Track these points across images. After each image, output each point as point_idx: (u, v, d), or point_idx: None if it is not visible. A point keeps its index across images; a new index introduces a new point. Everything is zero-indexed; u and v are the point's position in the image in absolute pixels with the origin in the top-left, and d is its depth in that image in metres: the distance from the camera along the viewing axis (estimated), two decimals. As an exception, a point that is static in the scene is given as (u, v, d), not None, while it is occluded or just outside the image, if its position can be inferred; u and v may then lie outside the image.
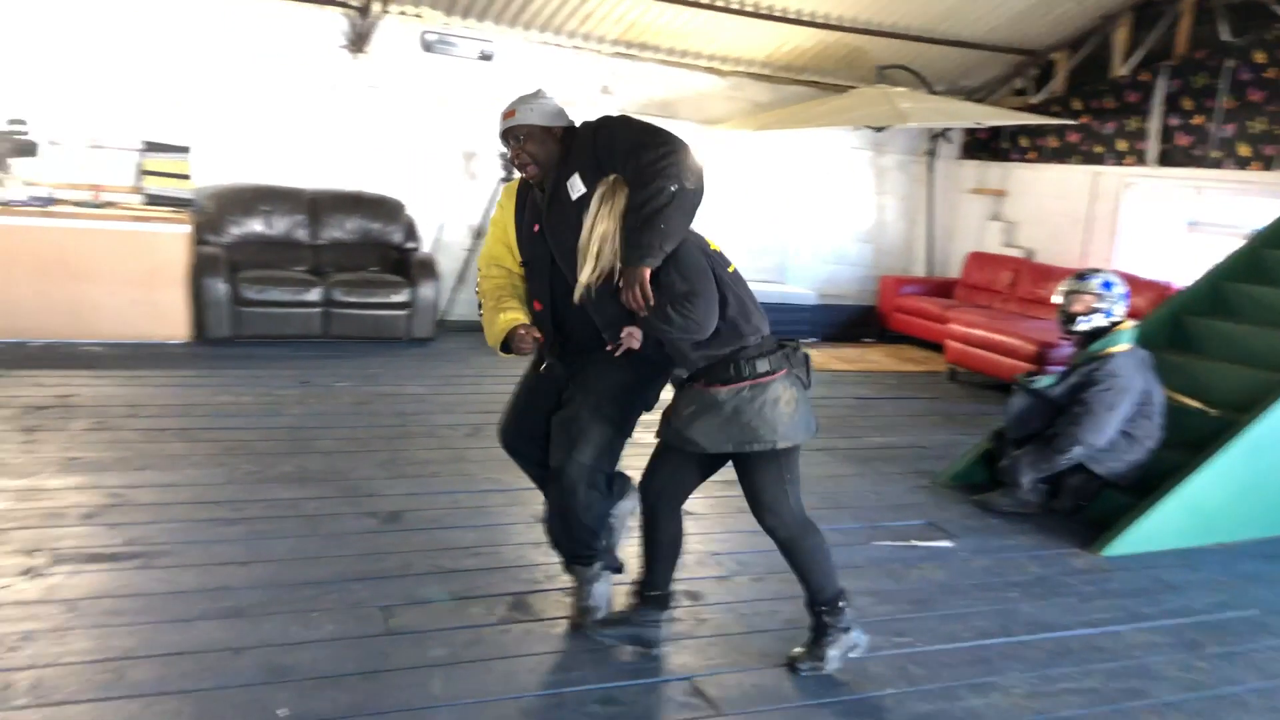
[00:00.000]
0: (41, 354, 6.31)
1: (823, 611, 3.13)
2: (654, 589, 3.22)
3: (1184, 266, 7.37)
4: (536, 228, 3.18)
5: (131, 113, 7.21)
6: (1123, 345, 4.76)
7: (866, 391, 7.45)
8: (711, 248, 3.03)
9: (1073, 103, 8.89)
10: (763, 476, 3.02)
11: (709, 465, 3.14)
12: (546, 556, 3.60)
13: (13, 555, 3.52)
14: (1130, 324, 4.87)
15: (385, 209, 7.83)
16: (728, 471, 5.07)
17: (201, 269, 6.89)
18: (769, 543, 4.17)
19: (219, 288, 6.89)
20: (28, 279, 6.45)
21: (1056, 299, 4.98)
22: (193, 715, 2.71)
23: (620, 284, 2.86)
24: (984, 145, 9.93)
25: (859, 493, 5.05)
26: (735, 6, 8.10)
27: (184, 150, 7.30)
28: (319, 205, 7.65)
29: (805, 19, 8.36)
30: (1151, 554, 4.45)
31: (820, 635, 3.15)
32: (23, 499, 4.03)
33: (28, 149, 6.71)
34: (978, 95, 9.62)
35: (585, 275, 2.89)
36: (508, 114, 3.15)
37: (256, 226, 7.46)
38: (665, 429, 3.07)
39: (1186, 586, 4.18)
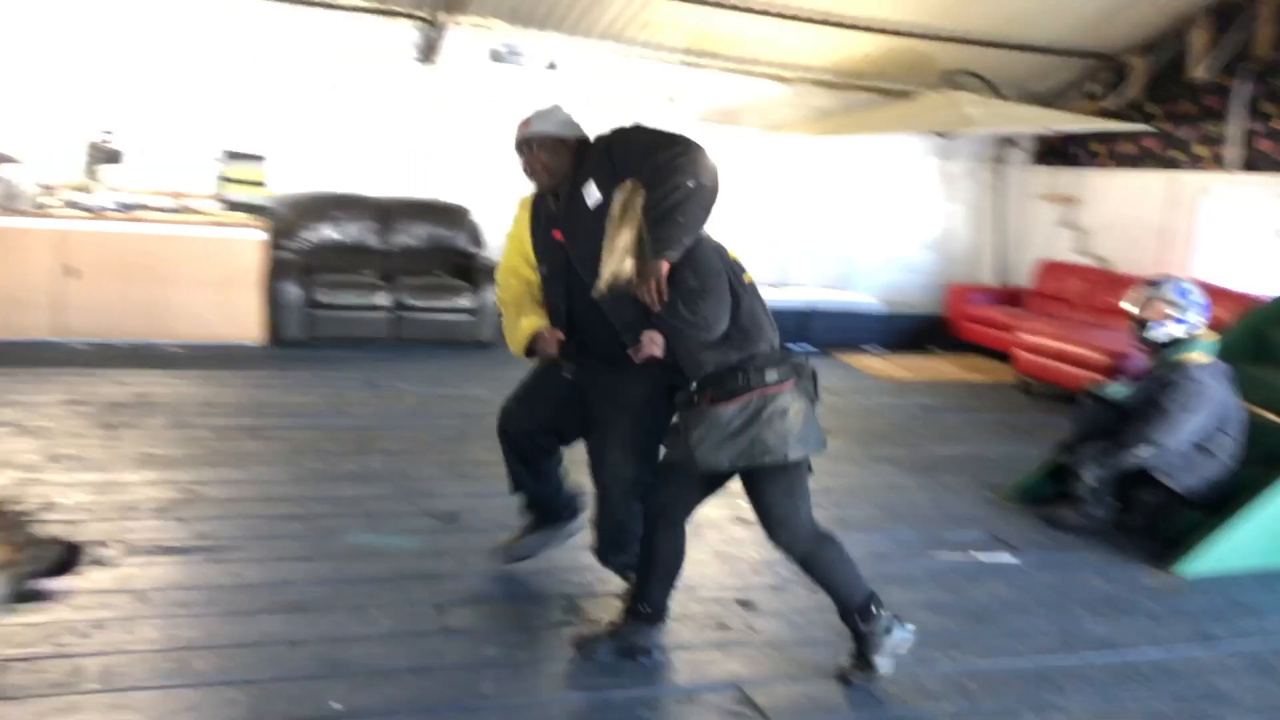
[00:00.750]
0: (124, 354, 6.54)
1: (857, 620, 3.07)
2: (648, 606, 3.16)
3: (1270, 276, 7.11)
4: (556, 233, 3.23)
5: (212, 122, 7.44)
6: (1201, 356, 4.57)
7: (931, 401, 7.34)
8: (729, 255, 3.03)
9: (1148, 107, 8.65)
10: (772, 491, 2.97)
11: (712, 482, 3.10)
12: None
13: (89, 546, 3.65)
14: (1210, 335, 4.69)
15: (452, 215, 7.96)
16: (785, 479, 5.08)
17: (276, 273, 7.09)
18: (825, 552, 4.18)
19: (292, 292, 7.09)
20: (113, 282, 6.70)
21: (1127, 305, 4.82)
22: (250, 706, 2.78)
23: (637, 281, 2.87)
24: (1055, 151, 9.72)
25: (919, 504, 4.98)
26: (800, 14, 8.05)
27: (260, 159, 7.51)
28: (389, 212, 7.82)
29: (870, 25, 8.27)
30: (1227, 574, 4.28)
31: (862, 644, 3.08)
32: (101, 492, 4.19)
33: (115, 157, 6.99)
34: (1048, 100, 9.41)
35: (607, 272, 2.88)
36: (523, 125, 3.24)
37: (329, 232, 7.65)
38: (674, 449, 3.05)
39: (1264, 609, 4.03)
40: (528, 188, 3.37)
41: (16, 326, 6.50)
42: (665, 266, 2.83)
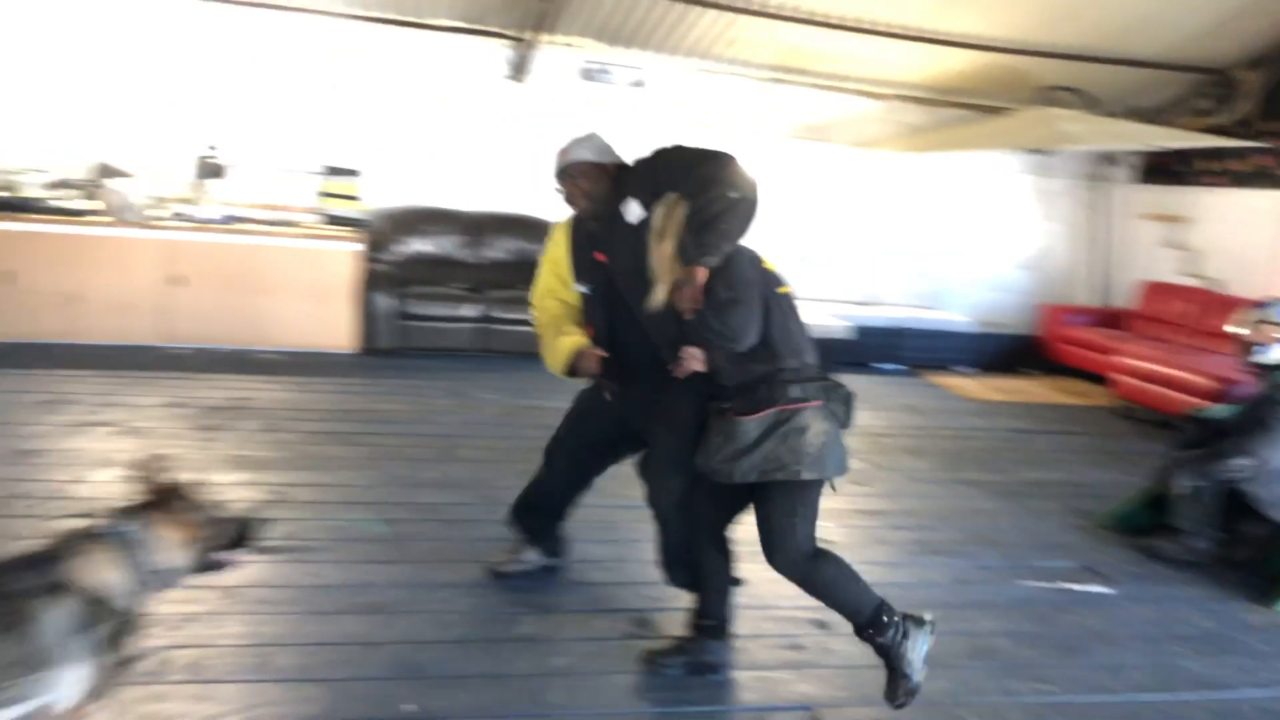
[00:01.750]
0: (223, 359, 6.78)
1: (871, 635, 2.94)
2: (708, 618, 3.16)
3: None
4: (599, 255, 3.26)
5: (312, 139, 7.70)
6: (1312, 380, 4.36)
7: (1023, 424, 7.13)
8: (764, 265, 2.99)
9: (1261, 124, 8.28)
10: (775, 507, 2.90)
11: (741, 493, 3.02)
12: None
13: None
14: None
15: (539, 230, 8.03)
16: (864, 500, 5.01)
17: (369, 284, 7.28)
18: (906, 575, 4.11)
19: (384, 302, 7.27)
20: (215, 290, 6.96)
21: (1234, 328, 4.61)
22: (326, 704, 2.85)
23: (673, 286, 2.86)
24: (1160, 169, 9.36)
25: (1006, 529, 4.83)
26: (892, 30, 7.96)
27: (355, 174, 7.73)
28: (478, 226, 7.97)
29: (964, 41, 8.12)
30: (1336, 614, 4.06)
31: (886, 658, 2.95)
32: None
33: (219, 171, 7.27)
34: (1153, 116, 9.09)
35: (661, 291, 2.88)
36: (562, 153, 3.29)
37: (420, 245, 7.84)
38: (698, 458, 3.02)
39: (1376, 651, 3.80)
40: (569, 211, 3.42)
41: (125, 332, 6.80)
42: (703, 272, 2.82)
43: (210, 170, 7.20)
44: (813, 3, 7.57)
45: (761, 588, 3.82)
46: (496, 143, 8.17)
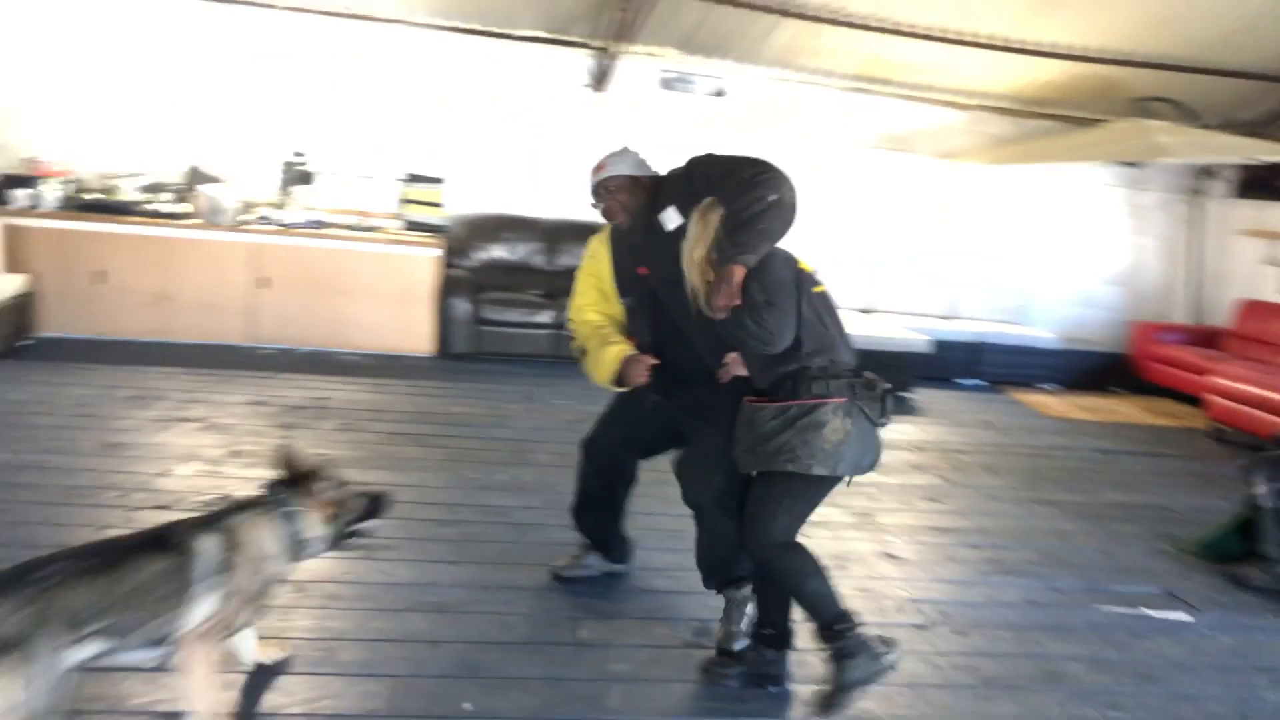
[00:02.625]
0: (305, 360, 6.96)
1: (828, 637, 2.90)
2: (767, 627, 3.13)
3: None
4: (640, 268, 3.28)
5: (396, 146, 7.87)
6: None
7: (1108, 444, 6.90)
8: (800, 266, 2.95)
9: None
10: (770, 489, 2.90)
11: None
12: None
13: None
14: None
15: (617, 238, 8.11)
16: (936, 517, 4.91)
17: (448, 290, 7.41)
18: (976, 595, 4.02)
19: (462, 307, 7.39)
20: (299, 293, 7.16)
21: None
22: (387, 699, 2.89)
23: (711, 284, 2.85)
24: (1261, 184, 8.98)
25: (1085, 552, 4.68)
26: (978, 39, 7.80)
27: (438, 181, 7.88)
28: (555, 234, 8.04)
29: (1055, 51, 7.92)
30: None
31: (833, 663, 2.91)
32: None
33: (307, 178, 7.48)
34: (1255, 129, 8.73)
35: (696, 291, 2.89)
36: (598, 168, 3.34)
37: (499, 252, 7.95)
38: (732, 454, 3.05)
39: None
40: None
41: (214, 331, 7.04)
42: (740, 271, 2.80)
43: (298, 176, 7.41)
44: (899, 12, 7.47)
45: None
46: (575, 151, 8.23)
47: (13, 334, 6.28)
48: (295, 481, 2.72)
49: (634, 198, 3.28)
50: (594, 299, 3.50)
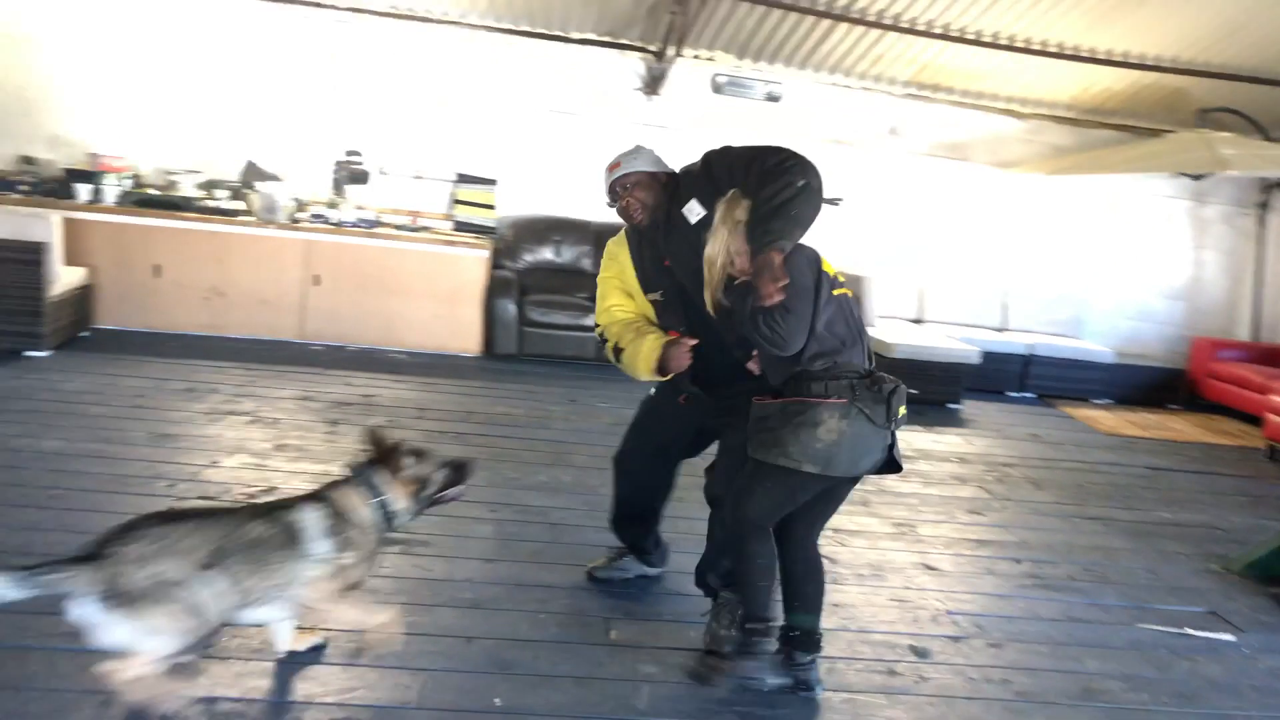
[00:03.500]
0: (354, 357, 7.08)
1: (746, 629, 3.08)
2: (795, 629, 3.11)
3: None
4: (666, 262, 3.27)
5: (449, 147, 7.97)
6: None
7: (1161, 462, 6.75)
8: (824, 267, 2.93)
9: None
10: (755, 469, 2.97)
11: (825, 500, 3.06)
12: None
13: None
14: None
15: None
16: (976, 529, 4.84)
17: (495, 291, 7.48)
18: (1014, 608, 3.96)
19: (509, 309, 7.46)
20: (350, 291, 7.29)
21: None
22: (420, 691, 2.93)
23: (749, 276, 2.83)
24: (1332, 198, 8.76)
25: (1130, 569, 4.58)
26: (1036, 46, 7.70)
27: (492, 182, 7.97)
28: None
29: (1118, 59, 7.79)
30: None
31: (740, 648, 3.10)
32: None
33: (361, 177, 7.60)
34: (1325, 142, 8.52)
35: (712, 286, 2.90)
36: (613, 166, 3.31)
37: (547, 254, 8.01)
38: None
39: None
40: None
41: (266, 327, 7.19)
42: (779, 256, 2.78)
43: (351, 176, 7.54)
44: (957, 18, 7.41)
45: (860, 611, 3.76)
46: (626, 155, 8.27)
47: (72, 326, 6.46)
48: (380, 461, 2.93)
49: (652, 194, 3.27)
50: (620, 300, 3.49)
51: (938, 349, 7.59)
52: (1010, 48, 7.72)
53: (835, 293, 2.93)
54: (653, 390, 3.64)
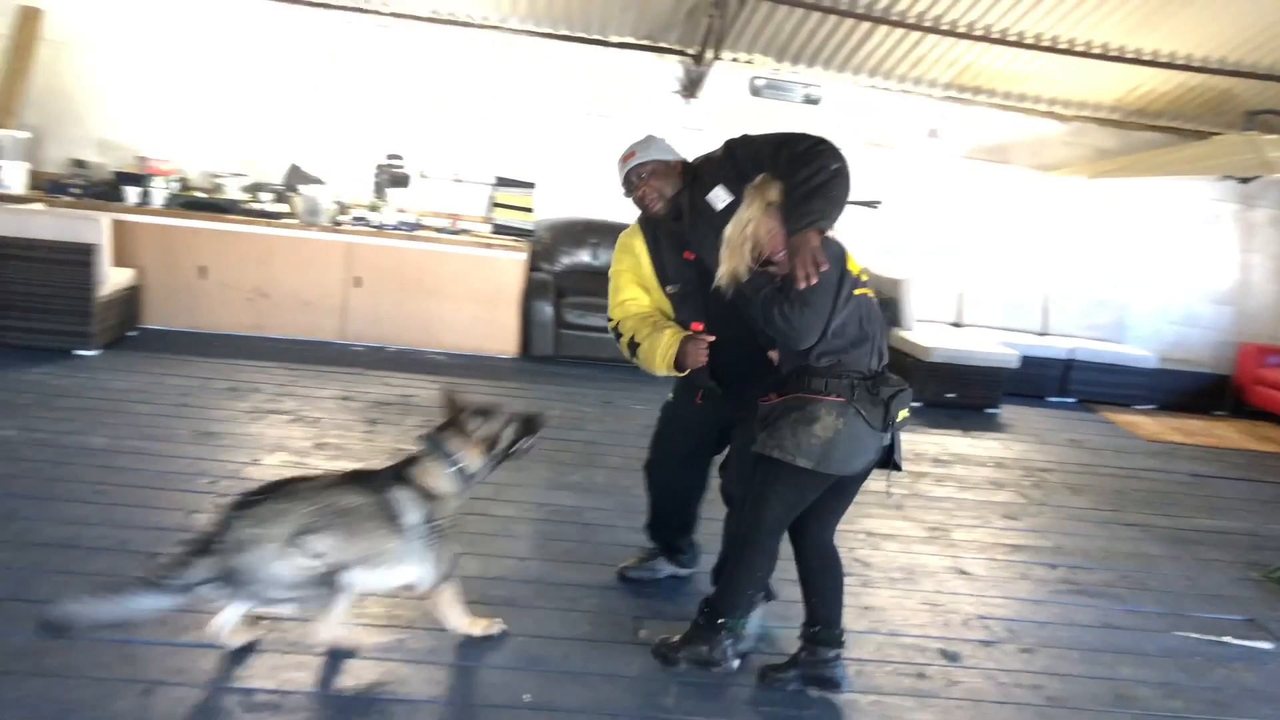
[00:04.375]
0: (394, 358, 7.17)
1: (706, 613, 3.15)
2: (815, 625, 3.13)
3: None
4: (687, 254, 3.24)
5: (488, 151, 8.06)
6: None
7: (1204, 469, 6.65)
8: (849, 265, 2.92)
9: None
10: (764, 473, 2.97)
11: (839, 496, 3.07)
12: (798, 594, 3.56)
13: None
14: None
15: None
16: (1011, 535, 4.80)
17: (532, 293, 7.55)
18: (1047, 614, 3.94)
19: (545, 311, 7.52)
20: (391, 293, 7.39)
21: None
22: (450, 686, 2.98)
23: (780, 259, 2.84)
24: (1384, 201, 8.56)
25: (1168, 576, 4.53)
26: (1082, 48, 7.61)
27: (530, 186, 8.04)
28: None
29: (1163, 60, 7.68)
30: None
31: (695, 632, 3.16)
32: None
33: (402, 180, 7.70)
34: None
35: (731, 265, 2.89)
36: (627, 156, 3.31)
37: (584, 257, 8.06)
38: None
39: None
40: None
41: (308, 328, 7.31)
42: (817, 237, 2.78)
43: (394, 179, 7.64)
44: (1002, 20, 7.36)
45: (891, 614, 3.75)
46: (663, 159, 8.30)
47: (120, 325, 6.62)
48: (450, 425, 3.11)
49: (669, 183, 3.24)
50: (635, 293, 3.45)
51: (976, 353, 7.52)
52: (1053, 49, 7.65)
53: (857, 292, 2.92)
54: (670, 396, 3.64)
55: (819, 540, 3.11)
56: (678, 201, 3.25)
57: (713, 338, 3.20)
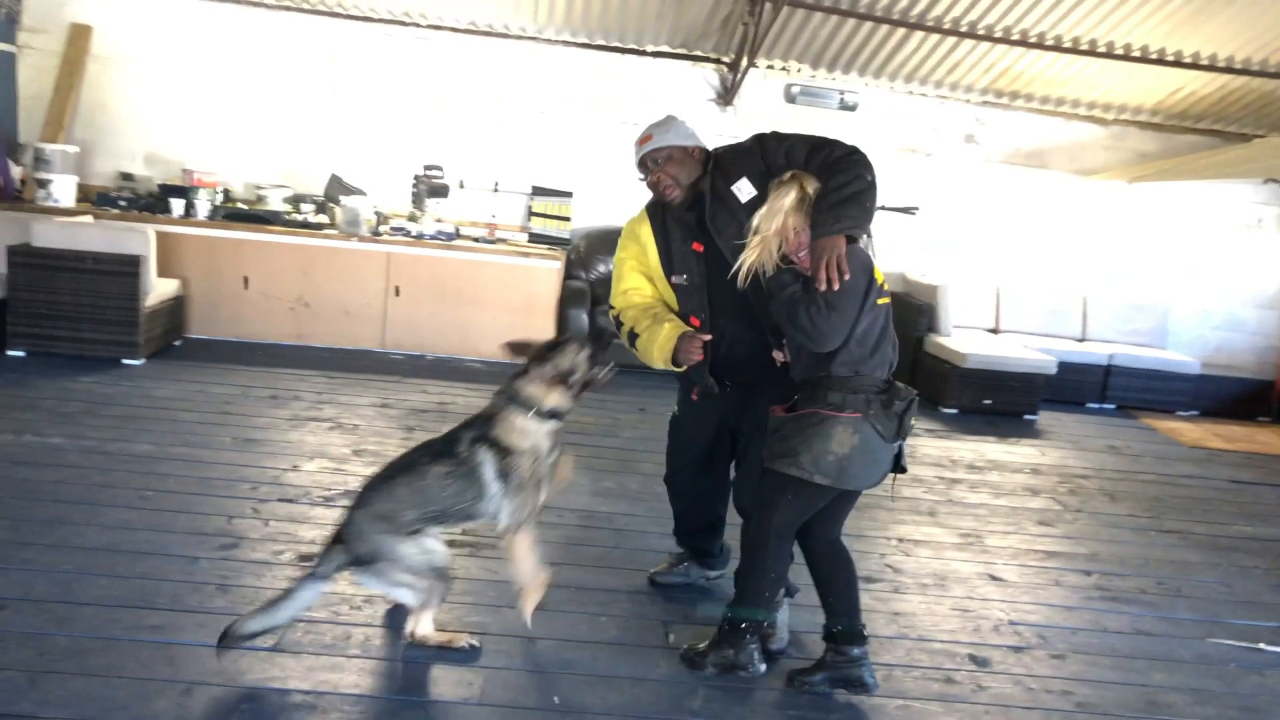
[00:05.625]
0: (432, 366, 7.28)
1: (729, 618, 3.17)
2: (836, 624, 3.14)
3: None
4: (696, 245, 3.19)
5: (525, 160, 8.15)
6: None
7: (1245, 475, 6.55)
8: (874, 274, 2.92)
9: None
10: (773, 480, 2.98)
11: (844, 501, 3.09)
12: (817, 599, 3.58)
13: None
14: None
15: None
16: (1045, 541, 4.77)
17: (567, 301, 7.61)
18: (1080, 620, 3.92)
19: (581, 318, 7.58)
20: (429, 302, 7.50)
21: None
22: (481, 688, 3.03)
23: (802, 258, 2.86)
24: None
25: (1204, 583, 4.48)
26: (1121, 52, 7.54)
27: (568, 195, 8.12)
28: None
29: (1204, 63, 7.59)
30: None
31: (720, 637, 3.20)
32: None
33: (441, 190, 7.81)
34: None
35: (753, 255, 2.90)
36: (644, 139, 3.21)
37: (618, 264, 8.10)
38: None
39: None
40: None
41: (348, 337, 7.44)
42: (844, 243, 2.79)
43: (432, 189, 7.75)
44: (1039, 25, 7.32)
45: (920, 620, 3.75)
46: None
47: (164, 335, 6.78)
48: (523, 373, 3.19)
49: (685, 169, 3.17)
50: (638, 282, 3.40)
51: (1012, 359, 7.47)
52: (1092, 53, 7.59)
53: (879, 302, 2.94)
54: (676, 409, 3.67)
55: (826, 541, 3.14)
56: (697, 188, 3.18)
57: (709, 336, 3.18)
